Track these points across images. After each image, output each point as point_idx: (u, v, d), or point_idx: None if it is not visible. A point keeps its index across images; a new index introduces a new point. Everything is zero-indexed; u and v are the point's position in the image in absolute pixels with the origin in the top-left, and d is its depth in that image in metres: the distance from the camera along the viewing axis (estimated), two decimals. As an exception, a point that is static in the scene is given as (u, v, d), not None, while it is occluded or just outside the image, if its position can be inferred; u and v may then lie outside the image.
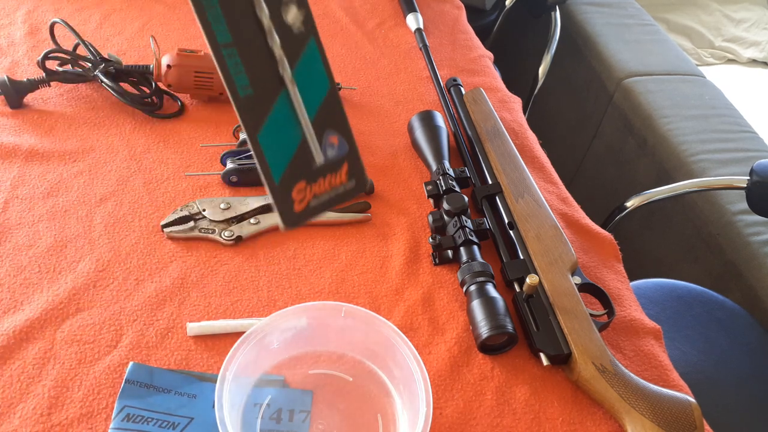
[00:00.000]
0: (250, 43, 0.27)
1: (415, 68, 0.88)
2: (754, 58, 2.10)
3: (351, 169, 0.32)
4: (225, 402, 0.41)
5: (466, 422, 0.50)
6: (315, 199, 0.30)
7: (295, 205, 0.29)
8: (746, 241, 1.07)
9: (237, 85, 0.27)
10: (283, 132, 0.28)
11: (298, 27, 0.28)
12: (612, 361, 0.52)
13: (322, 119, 0.30)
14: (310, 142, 0.29)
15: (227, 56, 0.27)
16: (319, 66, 0.29)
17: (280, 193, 0.29)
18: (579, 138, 1.58)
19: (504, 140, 0.70)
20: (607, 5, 1.65)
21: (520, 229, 0.61)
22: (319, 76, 0.29)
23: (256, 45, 0.27)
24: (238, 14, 0.26)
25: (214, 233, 0.59)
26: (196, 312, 0.54)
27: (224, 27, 0.26)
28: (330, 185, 0.31)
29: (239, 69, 0.27)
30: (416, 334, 0.55)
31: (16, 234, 0.57)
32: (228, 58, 0.27)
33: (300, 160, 0.29)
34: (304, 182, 0.29)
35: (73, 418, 0.45)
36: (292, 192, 0.29)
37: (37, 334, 0.50)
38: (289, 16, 0.28)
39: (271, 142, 0.28)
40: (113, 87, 0.70)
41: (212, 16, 0.26)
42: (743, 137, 1.30)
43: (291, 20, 0.28)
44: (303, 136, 0.29)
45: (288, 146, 0.29)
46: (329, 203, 0.31)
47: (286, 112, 0.28)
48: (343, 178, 0.31)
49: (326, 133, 0.30)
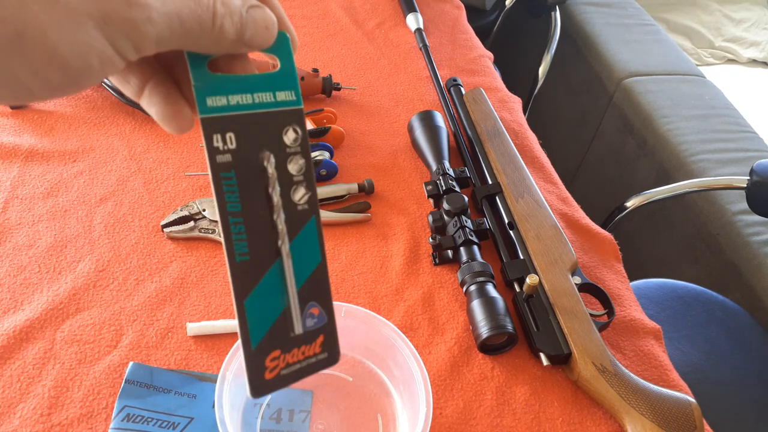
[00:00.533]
0: (256, 216, 0.29)
1: (415, 68, 0.88)
2: (754, 58, 2.10)
3: (326, 341, 0.32)
4: (225, 402, 0.41)
5: (466, 422, 0.50)
6: (287, 368, 0.30)
7: (266, 372, 0.29)
8: (746, 241, 1.07)
9: (236, 251, 0.28)
10: (269, 300, 0.29)
11: (302, 206, 0.30)
12: (612, 361, 0.52)
13: (308, 291, 0.30)
14: (293, 311, 0.30)
15: (233, 224, 0.28)
16: (314, 241, 0.30)
17: (255, 359, 0.29)
18: (579, 138, 1.58)
19: (504, 140, 0.70)
20: (607, 5, 1.66)
21: (520, 229, 0.61)
22: (312, 251, 0.30)
23: (262, 217, 0.29)
24: (252, 189, 0.28)
25: (214, 233, 0.59)
26: (196, 312, 0.54)
27: (237, 198, 0.28)
28: (303, 355, 0.31)
29: (241, 237, 0.28)
30: (416, 334, 0.55)
31: (16, 234, 0.57)
32: (233, 226, 0.28)
33: (279, 329, 0.30)
34: (279, 351, 0.30)
35: (73, 418, 0.45)
36: (266, 359, 0.29)
37: (37, 334, 0.50)
38: (296, 195, 0.30)
39: (255, 309, 0.29)
40: (113, 87, 0.70)
41: (228, 187, 0.28)
42: (743, 137, 1.30)
43: (298, 199, 0.30)
44: (287, 306, 0.30)
45: (270, 314, 0.29)
46: (299, 373, 0.31)
47: (275, 281, 0.29)
48: (317, 349, 0.31)
49: (309, 304, 0.31)
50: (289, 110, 0.30)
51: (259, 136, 0.29)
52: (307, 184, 0.30)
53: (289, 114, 0.30)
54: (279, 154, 0.29)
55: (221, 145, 0.27)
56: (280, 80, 0.29)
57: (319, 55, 0.87)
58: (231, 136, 0.28)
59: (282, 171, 0.29)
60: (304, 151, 0.30)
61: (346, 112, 0.77)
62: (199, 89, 0.27)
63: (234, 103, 0.28)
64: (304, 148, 0.30)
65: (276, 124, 0.29)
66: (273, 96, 0.29)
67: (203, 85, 0.27)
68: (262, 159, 0.29)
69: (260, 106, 0.29)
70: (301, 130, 0.30)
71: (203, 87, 0.27)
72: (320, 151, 0.68)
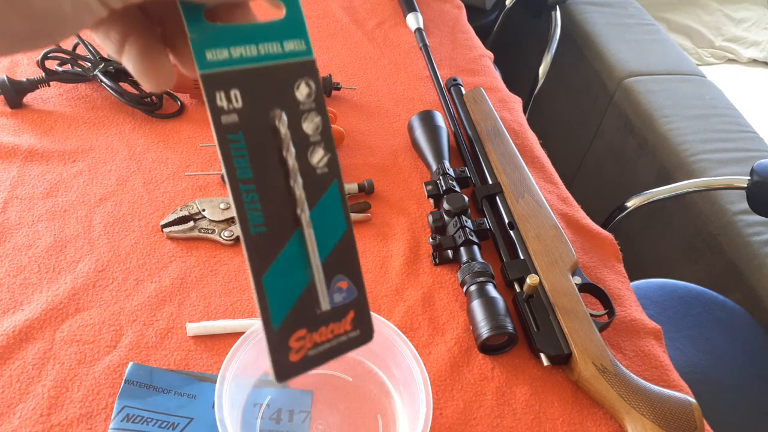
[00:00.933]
0: (270, 182, 0.26)
1: (415, 68, 0.87)
2: (755, 58, 2.10)
3: (357, 317, 0.29)
4: (225, 402, 0.41)
5: (466, 422, 0.50)
6: (314, 348, 0.27)
7: (291, 354, 0.27)
8: (747, 241, 1.07)
9: (249, 222, 0.26)
10: (291, 274, 0.26)
11: (321, 169, 0.27)
12: (612, 362, 0.52)
13: (334, 263, 0.27)
14: (318, 286, 0.27)
15: (244, 192, 0.25)
16: (338, 208, 0.28)
17: (278, 340, 0.26)
18: (579, 138, 1.58)
19: (504, 140, 0.70)
20: (607, 5, 1.65)
21: (521, 229, 0.61)
22: (336, 218, 0.28)
23: (277, 184, 0.26)
24: (263, 152, 0.26)
25: (213, 233, 0.59)
26: (196, 312, 0.54)
27: (247, 164, 0.25)
28: (333, 334, 0.28)
29: (255, 207, 0.26)
30: (416, 334, 0.55)
31: (15, 234, 0.57)
32: (245, 194, 0.25)
33: (304, 306, 0.27)
34: (305, 330, 0.27)
35: (72, 419, 0.45)
36: (290, 340, 0.27)
37: (36, 334, 0.50)
38: (314, 157, 0.27)
39: (276, 285, 0.26)
40: (113, 87, 0.70)
41: (236, 151, 0.25)
42: (743, 137, 1.30)
43: (316, 162, 0.27)
44: (311, 280, 0.27)
45: (293, 290, 0.27)
46: (329, 354, 0.28)
47: (296, 254, 0.27)
48: (348, 326, 0.28)
49: (336, 277, 0.28)
50: (300, 62, 0.27)
51: (267, 92, 0.26)
52: (326, 145, 0.27)
53: (300, 66, 0.27)
54: (291, 112, 0.26)
55: (225, 104, 0.25)
56: (288, 28, 0.26)
57: (319, 54, 0.87)
58: (236, 94, 0.25)
59: (296, 131, 0.26)
60: (319, 108, 0.27)
61: (346, 112, 0.77)
62: (196, 41, 0.24)
63: (237, 55, 0.25)
64: (319, 104, 0.27)
65: (286, 78, 0.26)
66: (280, 46, 0.26)
67: (201, 36, 0.24)
68: (272, 118, 0.26)
69: (267, 58, 0.26)
70: (315, 84, 0.27)
71: (201, 39, 0.24)
72: (320, 151, 0.67)
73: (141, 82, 0.26)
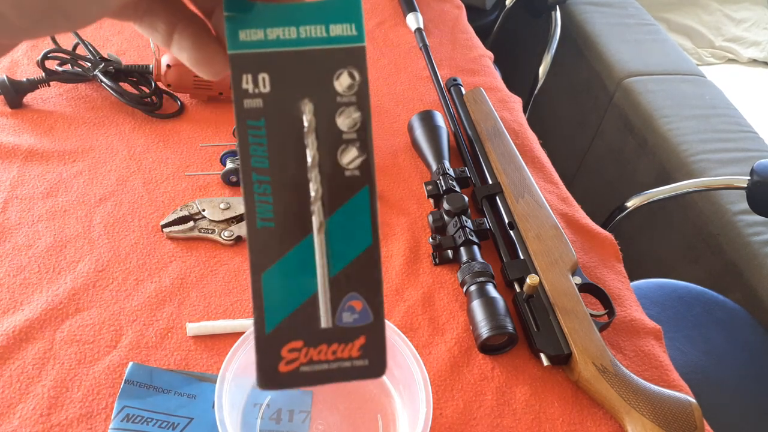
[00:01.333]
0: (288, 176, 0.24)
1: (415, 68, 0.87)
2: (755, 58, 2.10)
3: (369, 344, 0.26)
4: (225, 402, 0.41)
5: (466, 422, 0.50)
6: (309, 365, 0.25)
7: (281, 364, 0.24)
8: (747, 241, 1.07)
9: (257, 215, 0.24)
10: (296, 278, 0.24)
11: (351, 171, 0.24)
12: (612, 362, 0.52)
13: (350, 278, 0.25)
14: (321, 299, 0.25)
15: (256, 182, 0.24)
16: (365, 217, 0.25)
17: (268, 345, 0.24)
18: (579, 138, 1.58)
19: (504, 140, 0.70)
20: (607, 5, 1.65)
21: (521, 229, 0.61)
22: (361, 229, 0.25)
23: (296, 179, 0.24)
24: (286, 143, 0.24)
25: (213, 233, 0.59)
26: (196, 312, 0.54)
27: (264, 153, 0.24)
28: (334, 356, 0.25)
29: (266, 199, 0.24)
30: (416, 334, 0.55)
31: (15, 234, 0.57)
32: (257, 185, 0.24)
33: (306, 316, 0.25)
34: (301, 342, 0.25)
35: (72, 419, 0.45)
36: (283, 348, 0.24)
37: (36, 334, 0.50)
38: (345, 157, 0.24)
39: (276, 286, 0.24)
40: (113, 87, 0.70)
41: (255, 138, 0.23)
42: (744, 137, 1.30)
43: (346, 162, 0.24)
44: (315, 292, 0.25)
45: (296, 295, 0.24)
46: (326, 376, 0.25)
47: (306, 258, 0.24)
48: (355, 353, 0.25)
49: (349, 295, 0.25)
50: (346, 48, 0.24)
51: (301, 79, 0.24)
52: (361, 145, 0.24)
53: (346, 53, 0.24)
54: (326, 102, 0.24)
55: (251, 87, 0.23)
56: (338, 10, 0.24)
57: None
58: (265, 78, 0.23)
59: (328, 124, 0.24)
60: (361, 103, 0.24)
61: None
62: (231, 20, 0.23)
63: (273, 37, 0.23)
64: (361, 98, 0.24)
65: (326, 65, 0.24)
66: (325, 30, 0.24)
67: (237, 15, 0.23)
68: (301, 107, 0.24)
69: (307, 42, 0.24)
70: (360, 75, 0.24)
71: (237, 18, 0.23)
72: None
73: (196, 71, 0.25)
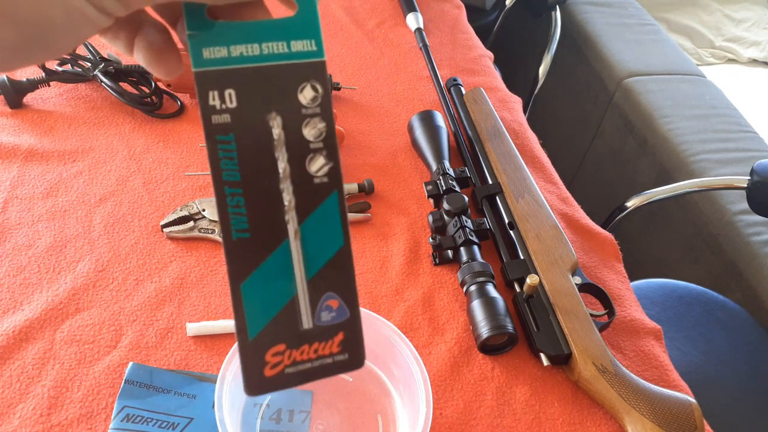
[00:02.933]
0: (260, 187, 0.25)
1: (415, 68, 0.87)
2: (755, 58, 2.10)
3: (347, 339, 0.27)
4: (225, 402, 0.41)
5: (466, 422, 0.50)
6: (293, 366, 0.26)
7: (266, 368, 0.26)
8: (747, 241, 1.07)
9: (232, 227, 0.24)
10: (274, 285, 0.25)
11: (320, 178, 0.26)
12: (612, 362, 0.52)
13: (325, 279, 0.26)
14: (300, 302, 0.26)
15: (229, 195, 0.24)
16: (335, 221, 0.26)
17: (252, 352, 0.25)
18: (579, 138, 1.58)
19: (504, 140, 0.70)
20: (607, 5, 1.65)
21: (521, 229, 0.61)
22: (333, 232, 0.26)
23: (268, 190, 0.25)
24: (255, 156, 0.24)
25: (213, 233, 0.59)
26: (196, 312, 0.54)
27: (235, 166, 0.24)
28: (316, 354, 0.26)
29: (240, 211, 0.25)
30: (416, 334, 0.55)
31: (15, 234, 0.57)
32: (230, 198, 0.24)
33: (286, 320, 0.26)
34: (284, 345, 0.26)
35: (72, 419, 0.45)
36: (266, 353, 0.25)
37: (36, 334, 0.50)
38: (313, 165, 0.26)
39: (255, 294, 0.25)
40: (113, 87, 0.70)
41: (225, 152, 0.24)
42: (743, 137, 1.30)
43: (315, 170, 0.26)
44: (294, 296, 0.26)
45: (275, 301, 0.25)
46: (309, 374, 0.27)
47: (283, 264, 0.25)
48: (335, 348, 0.27)
49: (326, 294, 0.26)
50: (308, 63, 0.25)
51: (265, 93, 0.25)
52: (328, 153, 0.26)
53: (307, 67, 0.25)
54: (292, 115, 0.25)
55: (218, 103, 0.24)
56: (298, 27, 0.25)
57: (319, 54, 0.87)
58: (231, 93, 0.24)
59: (295, 135, 0.25)
60: (324, 113, 0.25)
61: (346, 112, 0.77)
62: (194, 38, 0.23)
63: (237, 54, 0.24)
64: (324, 109, 0.25)
65: (289, 80, 0.25)
66: (287, 46, 0.25)
67: (199, 33, 0.23)
68: (268, 120, 0.25)
69: (270, 58, 0.25)
70: (322, 88, 0.25)
71: (199, 35, 0.23)
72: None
73: (150, 71, 0.26)
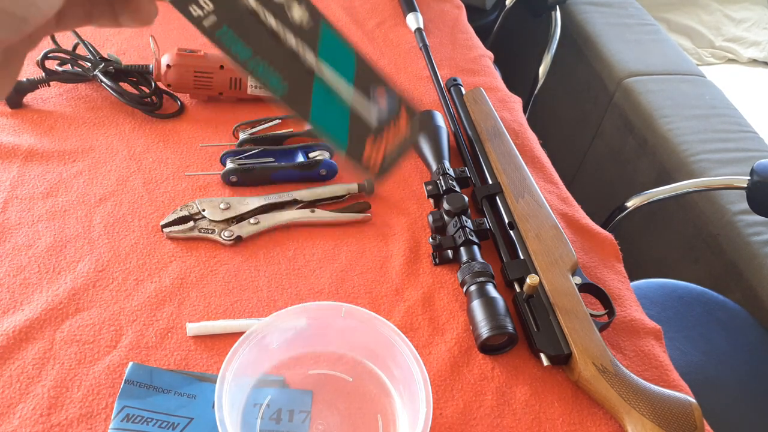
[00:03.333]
0: (270, 48, 0.30)
1: (415, 68, 0.87)
2: (755, 58, 2.10)
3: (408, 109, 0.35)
4: (225, 402, 0.41)
5: (466, 422, 0.50)
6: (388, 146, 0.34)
7: (370, 161, 0.33)
8: (747, 241, 1.07)
9: (272, 87, 0.30)
10: (331, 106, 0.32)
11: (306, 22, 0.31)
12: (612, 362, 0.52)
13: (362, 80, 0.33)
14: (357, 107, 0.32)
15: (254, 66, 0.30)
16: (337, 42, 0.32)
17: (353, 156, 0.33)
18: (579, 138, 1.58)
19: (504, 140, 0.70)
20: (607, 5, 1.65)
21: (521, 229, 0.61)
22: (341, 50, 0.32)
23: (277, 47, 0.30)
24: (252, 30, 0.29)
25: (213, 233, 0.59)
26: (196, 312, 0.54)
27: (242, 44, 0.29)
28: (396, 132, 0.34)
29: (270, 71, 0.30)
30: (416, 334, 0.55)
31: (15, 234, 0.57)
32: (255, 68, 0.30)
33: (358, 126, 0.33)
34: (372, 138, 0.33)
35: (72, 419, 0.45)
36: (363, 153, 0.33)
37: (36, 334, 0.50)
38: (295, 14, 0.30)
39: (324, 118, 0.31)
40: (113, 87, 0.70)
41: (227, 40, 0.29)
42: (744, 137, 1.30)
43: (298, 19, 0.30)
44: (351, 105, 0.32)
45: (342, 119, 0.32)
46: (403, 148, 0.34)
47: (325, 91, 0.31)
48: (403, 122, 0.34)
49: (371, 87, 0.33)
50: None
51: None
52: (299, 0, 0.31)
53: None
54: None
55: (201, 12, 0.29)
56: None
57: (319, 54, 0.87)
58: (205, 0, 0.29)
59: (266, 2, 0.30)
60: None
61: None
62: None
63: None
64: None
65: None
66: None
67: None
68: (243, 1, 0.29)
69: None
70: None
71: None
72: (320, 151, 0.68)
73: (131, 24, 0.30)
